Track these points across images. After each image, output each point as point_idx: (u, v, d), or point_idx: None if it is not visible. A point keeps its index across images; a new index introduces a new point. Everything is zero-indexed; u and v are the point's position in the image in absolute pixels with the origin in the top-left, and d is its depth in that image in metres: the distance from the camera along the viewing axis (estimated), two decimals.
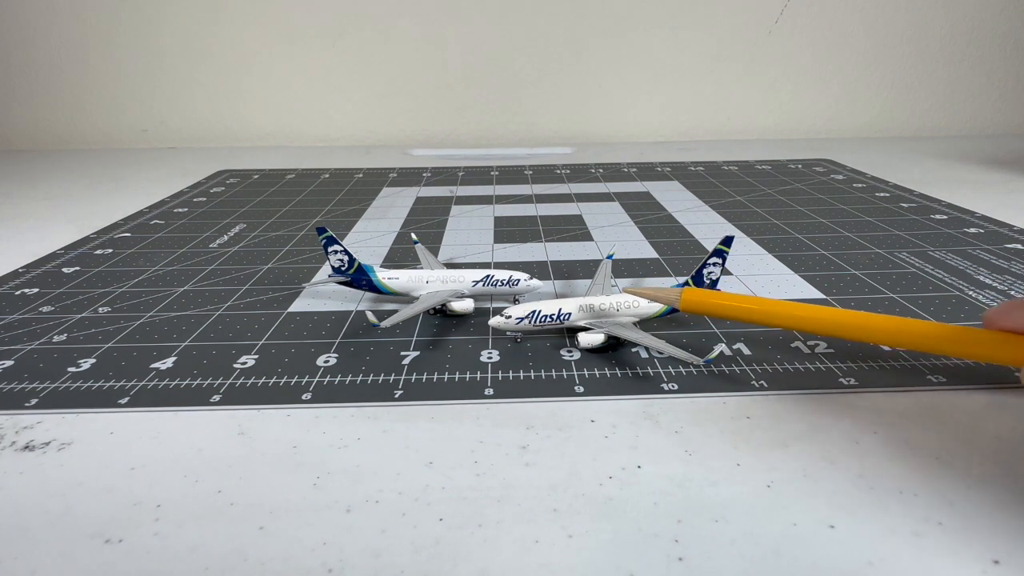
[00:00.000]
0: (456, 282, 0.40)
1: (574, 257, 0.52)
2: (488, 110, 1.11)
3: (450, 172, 0.86)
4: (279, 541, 0.23)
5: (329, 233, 0.41)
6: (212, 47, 1.06)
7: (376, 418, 0.30)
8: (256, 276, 0.48)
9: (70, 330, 0.39)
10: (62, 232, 0.59)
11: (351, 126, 1.12)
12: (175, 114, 1.10)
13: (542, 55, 1.08)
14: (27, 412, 0.31)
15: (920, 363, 0.34)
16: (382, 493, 0.25)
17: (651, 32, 1.07)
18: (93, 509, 0.24)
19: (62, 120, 1.10)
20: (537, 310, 0.35)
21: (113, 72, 1.07)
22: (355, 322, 0.40)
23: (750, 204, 0.67)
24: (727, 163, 0.88)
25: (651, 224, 0.60)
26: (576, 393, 0.32)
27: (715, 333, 0.37)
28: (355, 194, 0.74)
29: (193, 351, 0.36)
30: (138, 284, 0.47)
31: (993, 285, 0.44)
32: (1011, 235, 0.54)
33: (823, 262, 0.49)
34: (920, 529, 0.23)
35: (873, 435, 0.28)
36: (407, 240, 0.57)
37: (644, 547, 0.22)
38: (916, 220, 0.59)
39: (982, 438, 0.28)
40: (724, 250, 0.38)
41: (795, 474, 0.26)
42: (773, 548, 0.22)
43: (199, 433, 0.29)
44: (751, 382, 0.32)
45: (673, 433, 0.28)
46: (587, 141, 1.12)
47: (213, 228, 0.61)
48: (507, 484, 0.25)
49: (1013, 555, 0.21)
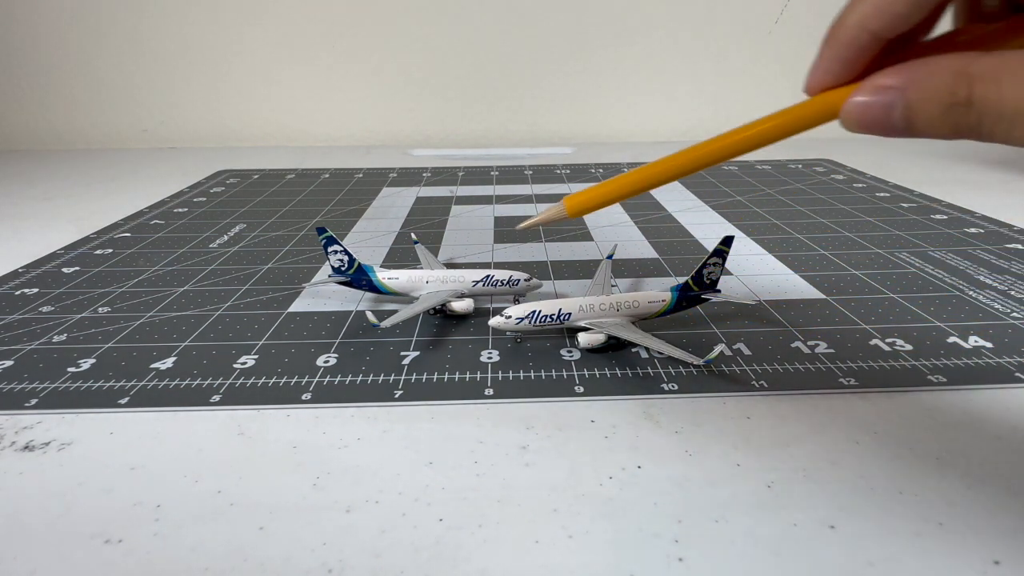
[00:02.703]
0: (456, 282, 0.40)
1: (574, 257, 0.52)
2: (488, 110, 1.11)
3: (450, 172, 0.86)
4: (279, 541, 0.23)
5: (329, 233, 0.41)
6: (212, 47, 1.06)
7: (376, 418, 0.30)
8: (256, 276, 0.48)
9: (70, 330, 0.39)
10: (62, 232, 0.59)
11: (351, 126, 1.12)
12: (175, 114, 1.10)
13: (542, 55, 1.08)
14: (27, 412, 0.31)
15: (920, 363, 0.34)
16: (382, 493, 0.25)
17: (651, 32, 1.07)
18: (93, 509, 0.24)
19: (62, 120, 1.09)
20: (537, 310, 0.35)
21: (113, 72, 1.07)
22: (355, 322, 0.40)
23: (750, 204, 0.67)
24: (727, 163, 0.88)
25: (651, 224, 0.60)
26: (576, 393, 0.32)
27: (715, 333, 0.37)
28: (355, 194, 0.74)
29: (193, 351, 0.36)
30: (138, 284, 0.47)
31: (993, 285, 0.44)
32: (1011, 235, 0.54)
33: (823, 262, 0.49)
34: (920, 529, 0.23)
35: (873, 435, 0.28)
36: (407, 240, 0.57)
37: (644, 547, 0.22)
38: (916, 220, 0.59)
39: (982, 438, 0.28)
40: (724, 250, 0.38)
41: (795, 474, 0.26)
42: (773, 548, 0.22)
43: (199, 433, 0.29)
44: (751, 382, 0.32)
45: (673, 433, 0.28)
46: (587, 141, 1.12)
47: (213, 228, 0.61)
48: (507, 484, 0.25)
49: (1013, 555, 0.21)
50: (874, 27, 0.19)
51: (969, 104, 0.18)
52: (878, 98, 0.19)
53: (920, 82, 0.19)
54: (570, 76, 1.10)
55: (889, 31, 0.19)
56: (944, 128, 0.19)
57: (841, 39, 0.20)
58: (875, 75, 0.19)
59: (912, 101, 0.19)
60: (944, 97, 0.18)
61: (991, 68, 0.17)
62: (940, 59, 0.18)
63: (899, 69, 0.19)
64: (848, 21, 0.20)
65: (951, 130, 0.19)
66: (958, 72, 0.18)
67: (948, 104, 0.18)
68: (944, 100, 0.18)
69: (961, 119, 0.18)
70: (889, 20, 0.19)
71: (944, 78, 0.18)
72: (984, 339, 0.36)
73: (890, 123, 0.19)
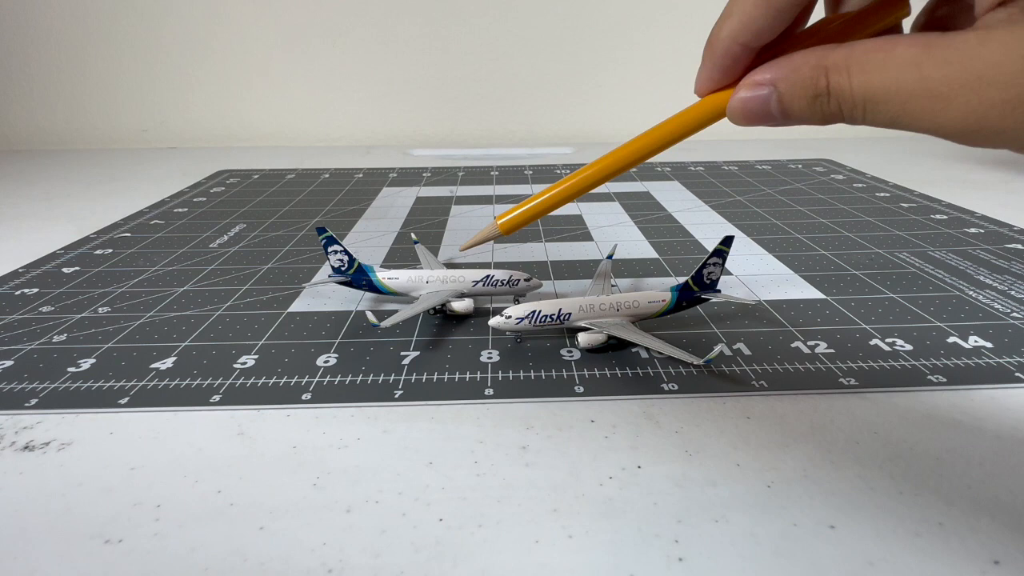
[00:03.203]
0: (456, 282, 0.40)
1: (574, 257, 0.52)
2: (488, 110, 1.11)
3: (450, 172, 0.86)
4: (279, 541, 0.23)
5: (329, 233, 0.41)
6: (212, 47, 1.06)
7: (376, 418, 0.30)
8: (256, 276, 0.48)
9: (70, 330, 0.39)
10: (62, 232, 0.59)
11: (351, 126, 1.12)
12: (175, 114, 1.10)
13: (542, 55, 1.08)
14: (27, 412, 0.31)
15: (920, 363, 0.34)
16: (382, 493, 0.25)
17: (651, 32, 1.07)
18: (93, 509, 0.24)
19: (62, 120, 1.09)
20: (537, 310, 0.35)
21: (113, 72, 1.07)
22: (355, 322, 0.40)
23: (750, 204, 0.67)
24: (727, 163, 0.88)
25: (651, 224, 0.60)
26: (576, 393, 0.32)
27: (715, 333, 0.37)
28: (355, 194, 0.74)
29: (193, 351, 0.36)
30: (138, 284, 0.47)
31: (993, 285, 0.44)
32: (1011, 235, 0.54)
33: (823, 262, 0.49)
34: (920, 529, 0.23)
35: (873, 435, 0.28)
36: (407, 240, 0.57)
37: (644, 547, 0.22)
38: (916, 220, 0.59)
39: (982, 438, 0.28)
40: (724, 250, 0.38)
41: (795, 474, 0.26)
42: (773, 548, 0.22)
43: (199, 433, 0.29)
44: (751, 382, 0.32)
45: (673, 433, 0.28)
46: (587, 141, 1.12)
47: (213, 228, 0.61)
48: (507, 484, 0.25)
49: (1013, 555, 0.21)
50: (743, 40, 0.21)
51: (828, 94, 0.20)
52: (755, 93, 0.21)
53: (787, 77, 0.20)
54: (570, 76, 1.10)
55: (756, 42, 0.21)
56: (815, 116, 0.20)
57: (717, 51, 0.22)
58: (752, 72, 0.21)
59: (783, 93, 0.21)
60: (809, 89, 0.20)
61: (842, 59, 0.19)
62: (803, 54, 0.20)
63: (770, 66, 0.21)
64: (721, 35, 0.21)
65: (821, 118, 0.20)
66: (815, 65, 0.20)
67: (813, 95, 0.20)
68: (809, 92, 0.20)
69: (825, 107, 0.20)
70: (755, 34, 0.21)
71: (806, 72, 0.20)
72: (984, 339, 0.36)
73: (768, 114, 0.21)
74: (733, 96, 0.22)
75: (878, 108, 0.19)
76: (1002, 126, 0.17)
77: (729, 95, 0.22)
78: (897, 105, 0.18)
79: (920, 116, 0.18)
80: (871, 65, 0.19)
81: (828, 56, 0.19)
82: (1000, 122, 0.17)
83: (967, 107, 0.17)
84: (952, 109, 0.17)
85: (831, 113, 0.20)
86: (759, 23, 0.20)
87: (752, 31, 0.21)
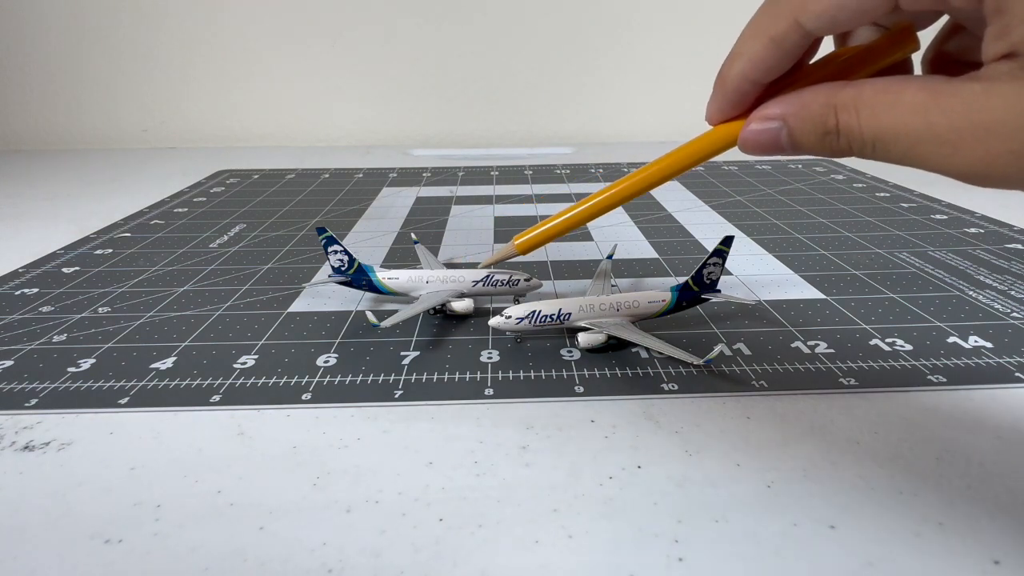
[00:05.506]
0: (456, 282, 0.40)
1: (574, 257, 0.52)
2: (488, 110, 1.11)
3: (450, 172, 0.86)
4: (279, 541, 0.23)
5: (329, 233, 0.41)
6: (212, 47, 1.06)
7: (376, 418, 0.30)
8: (256, 276, 0.48)
9: (70, 330, 0.39)
10: (62, 232, 0.59)
11: (351, 126, 1.12)
12: (175, 114, 1.10)
13: (542, 55, 1.08)
14: (27, 412, 0.31)
15: (920, 363, 0.34)
16: (382, 493, 0.25)
17: (651, 32, 1.07)
18: (93, 509, 0.24)
19: (62, 120, 1.09)
20: (537, 310, 0.35)
21: (113, 72, 1.07)
22: (355, 322, 0.40)
23: (750, 204, 0.67)
24: (727, 163, 0.88)
25: (651, 224, 0.60)
26: (576, 393, 0.32)
27: (715, 333, 0.37)
28: (355, 194, 0.74)
29: (193, 351, 0.36)
30: (138, 284, 0.47)
31: (993, 285, 0.44)
32: (1011, 235, 0.54)
33: (823, 262, 0.49)
34: (920, 529, 0.23)
35: (873, 435, 0.28)
36: (407, 240, 0.57)
37: (644, 547, 0.22)
38: (916, 220, 0.59)
39: (982, 438, 0.28)
40: (724, 250, 0.38)
41: (795, 474, 0.26)
42: (773, 548, 0.22)
43: (199, 433, 0.29)
44: (751, 382, 0.32)
45: (673, 433, 0.28)
46: (587, 141, 1.12)
47: (213, 228, 0.61)
48: (507, 484, 0.25)
49: (1013, 555, 0.21)
50: (753, 78, 0.21)
51: (838, 132, 0.20)
52: (766, 126, 0.22)
53: (797, 113, 0.21)
54: (570, 76, 1.09)
55: (766, 79, 0.22)
56: (824, 151, 0.21)
57: (728, 87, 0.22)
58: (763, 105, 0.22)
59: (793, 128, 0.21)
60: (819, 127, 0.20)
61: (851, 99, 0.19)
62: (813, 91, 0.21)
63: (780, 100, 0.21)
64: (731, 73, 0.22)
65: (830, 152, 0.21)
66: (824, 104, 0.20)
67: (823, 132, 0.20)
68: (819, 129, 0.20)
69: (834, 144, 0.20)
70: (764, 72, 0.21)
71: (815, 109, 0.20)
72: (984, 339, 0.36)
73: (779, 146, 0.22)
74: (745, 128, 0.22)
75: (888, 148, 0.19)
76: (1007, 174, 0.17)
77: (740, 125, 0.23)
78: (906, 147, 0.18)
79: (928, 159, 0.18)
80: (880, 107, 0.19)
81: (837, 95, 0.20)
82: (1006, 169, 0.17)
83: (974, 155, 0.17)
84: (959, 155, 0.18)
85: (841, 149, 0.20)
86: (768, 63, 0.21)
87: (762, 70, 0.21)
